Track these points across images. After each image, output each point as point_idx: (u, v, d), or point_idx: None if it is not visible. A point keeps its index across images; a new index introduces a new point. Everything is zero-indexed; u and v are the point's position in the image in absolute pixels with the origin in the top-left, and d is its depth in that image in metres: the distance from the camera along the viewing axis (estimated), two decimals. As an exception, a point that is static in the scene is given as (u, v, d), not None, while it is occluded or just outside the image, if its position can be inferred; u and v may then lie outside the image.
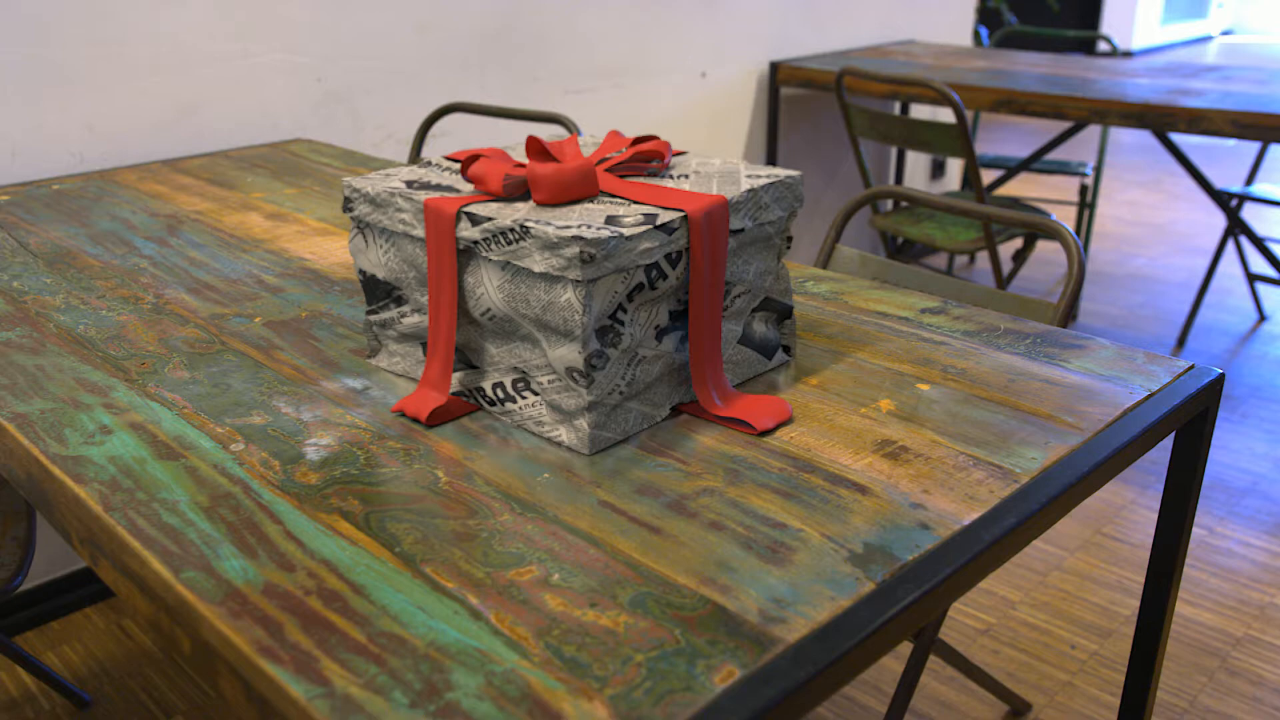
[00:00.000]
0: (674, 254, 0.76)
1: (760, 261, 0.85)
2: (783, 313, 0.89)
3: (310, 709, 0.51)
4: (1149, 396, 0.83)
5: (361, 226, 0.87)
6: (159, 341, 0.96)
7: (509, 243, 0.74)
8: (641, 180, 0.85)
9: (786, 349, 0.91)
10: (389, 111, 2.02)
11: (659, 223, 0.74)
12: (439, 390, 0.81)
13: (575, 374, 0.74)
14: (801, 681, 0.53)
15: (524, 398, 0.79)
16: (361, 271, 0.89)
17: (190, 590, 0.61)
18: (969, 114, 3.55)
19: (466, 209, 0.77)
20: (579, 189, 0.79)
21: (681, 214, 0.76)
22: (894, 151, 3.29)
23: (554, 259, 0.72)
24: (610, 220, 0.75)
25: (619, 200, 0.80)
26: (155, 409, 0.83)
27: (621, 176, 0.86)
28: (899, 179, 3.28)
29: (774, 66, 2.70)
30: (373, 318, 0.89)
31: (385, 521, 0.67)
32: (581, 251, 0.70)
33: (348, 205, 0.87)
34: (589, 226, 0.73)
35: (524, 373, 0.79)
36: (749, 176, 0.85)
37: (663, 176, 0.86)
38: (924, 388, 0.85)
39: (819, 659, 0.54)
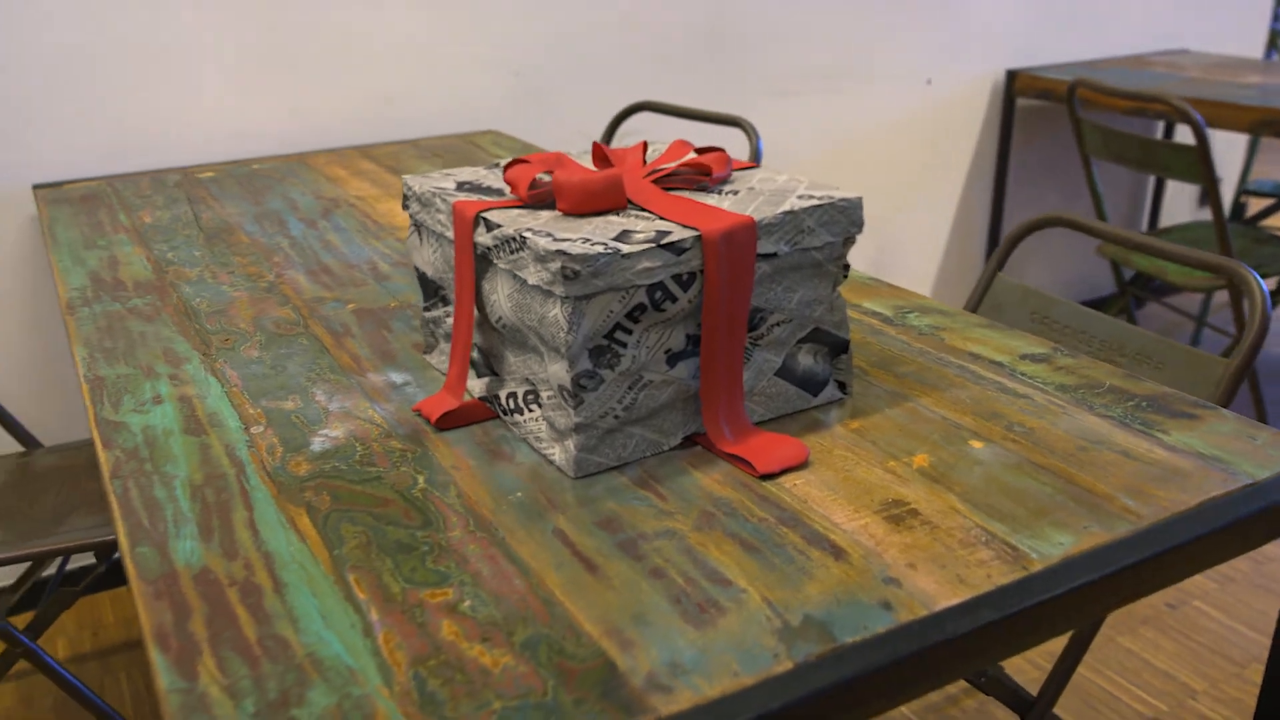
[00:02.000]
0: (685, 275, 0.72)
1: (807, 289, 0.79)
2: (836, 346, 0.82)
3: (166, 700, 0.52)
4: (1250, 486, 0.69)
5: (416, 224, 0.88)
6: (252, 320, 1.01)
7: (512, 251, 0.72)
8: (685, 194, 0.80)
9: (842, 385, 0.83)
10: (584, 107, 2.04)
11: (664, 241, 0.70)
12: (454, 395, 0.80)
13: (565, 393, 0.71)
14: (646, 762, 0.48)
15: (530, 410, 0.77)
16: (416, 268, 0.89)
17: (135, 565, 0.63)
18: (1244, 135, 3.16)
19: (484, 214, 0.76)
20: (603, 200, 0.76)
21: (695, 234, 0.71)
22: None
23: (543, 272, 0.69)
24: (621, 235, 0.71)
25: (646, 214, 0.76)
26: (210, 384, 0.87)
27: (668, 190, 0.81)
28: (1157, 205, 2.97)
29: (1011, 75, 2.51)
30: (426, 314, 0.90)
31: (341, 522, 0.67)
32: (563, 267, 0.67)
33: (405, 203, 0.88)
34: (588, 241, 0.70)
35: (533, 385, 0.77)
36: (799, 197, 0.78)
37: (712, 191, 0.81)
38: (976, 445, 0.75)
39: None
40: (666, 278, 0.71)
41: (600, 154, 0.87)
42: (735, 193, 0.80)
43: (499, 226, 0.74)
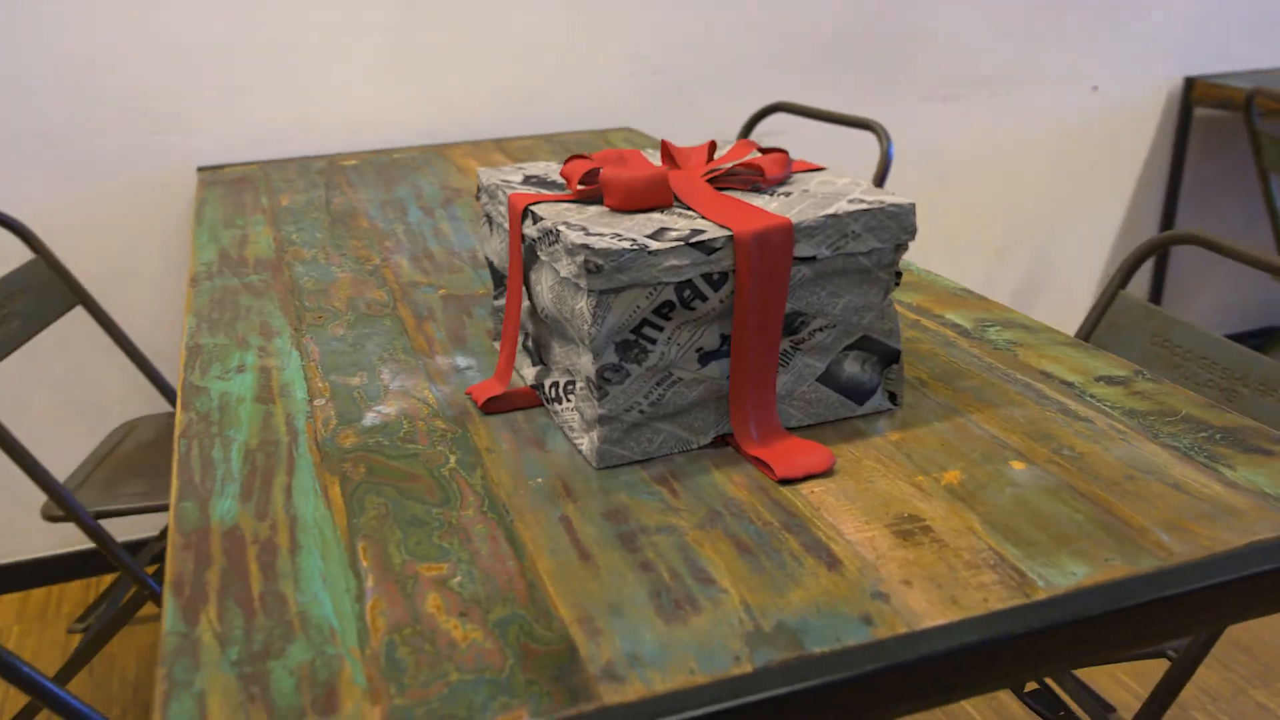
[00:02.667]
0: (716, 275, 0.72)
1: (854, 296, 0.77)
2: (886, 355, 0.80)
3: (164, 641, 0.56)
4: (1310, 532, 0.64)
5: (487, 215, 0.91)
6: (347, 300, 1.07)
7: (550, 244, 0.74)
8: (736, 194, 0.80)
9: (892, 396, 0.81)
10: (725, 107, 2.05)
11: (694, 240, 0.70)
12: (501, 381, 0.83)
13: (591, 384, 0.73)
14: (576, 747, 0.49)
15: (567, 400, 0.79)
16: (486, 258, 0.93)
17: (176, 517, 0.68)
18: None
19: (532, 206, 0.78)
20: (648, 197, 0.77)
21: (728, 233, 0.71)
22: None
23: (571, 265, 0.71)
24: (657, 232, 0.72)
25: (689, 213, 0.76)
26: (291, 358, 0.93)
27: (721, 189, 0.81)
28: (1358, 225, 2.72)
29: (1189, 82, 2.35)
30: (495, 303, 0.93)
31: (368, 493, 0.71)
32: (587, 261, 0.68)
33: (478, 194, 0.91)
34: (620, 236, 0.71)
35: (572, 376, 0.78)
36: (850, 201, 0.77)
37: (764, 192, 0.80)
38: (1016, 466, 0.72)
39: (616, 729, 0.50)
40: (696, 276, 0.71)
41: (667, 152, 0.88)
42: (788, 194, 0.80)
43: (542, 219, 0.76)
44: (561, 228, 0.72)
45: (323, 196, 1.50)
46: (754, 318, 0.73)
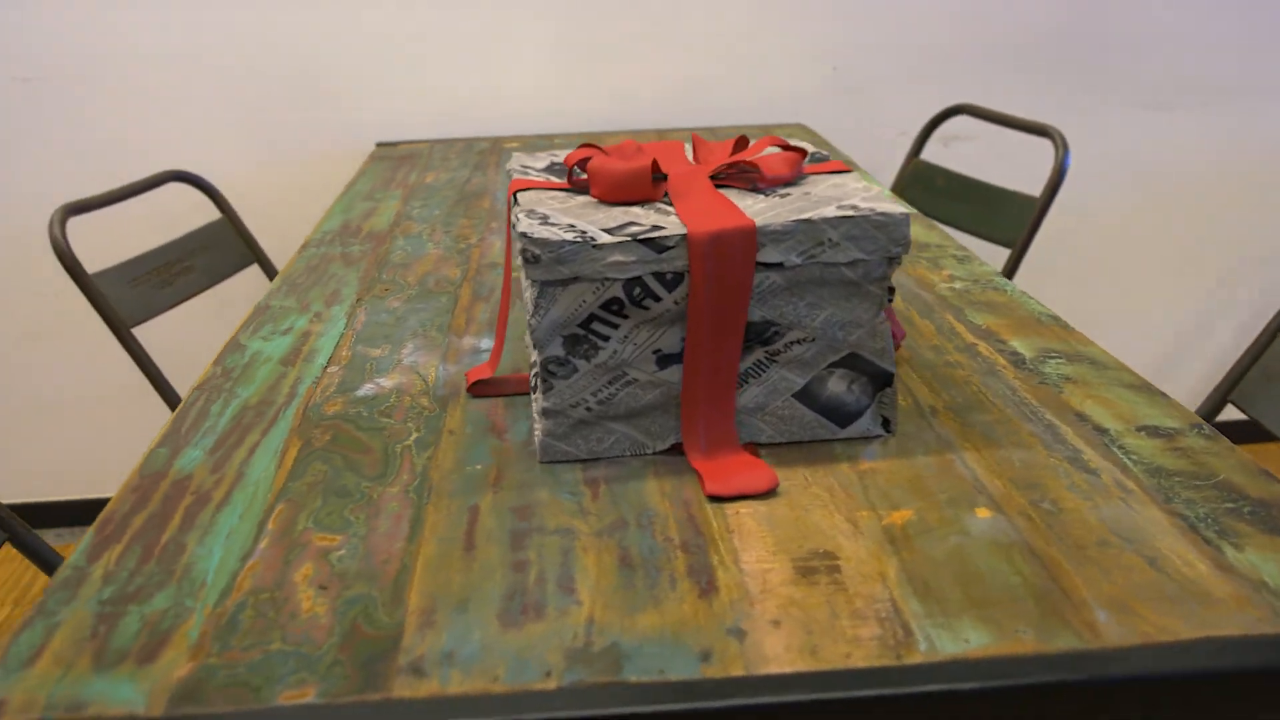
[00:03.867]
0: (670, 275, 0.68)
1: (839, 310, 0.71)
2: (877, 377, 0.74)
3: (62, 571, 0.61)
4: (1264, 637, 0.53)
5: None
6: (422, 275, 1.11)
7: (519, 232, 0.74)
8: (732, 193, 0.76)
9: (885, 422, 0.75)
10: (907, 108, 1.94)
11: (643, 236, 0.67)
12: (491, 365, 0.83)
13: (537, 376, 0.72)
14: (335, 734, 0.48)
15: (537, 390, 0.78)
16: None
17: (145, 461, 0.74)
18: None
19: (519, 191, 0.78)
20: (630, 190, 0.74)
21: (682, 232, 0.68)
22: None
23: (523, 253, 0.70)
24: (620, 226, 0.70)
25: (668, 209, 0.73)
26: (337, 325, 0.97)
27: (722, 187, 0.77)
28: None
29: None
30: (526, 288, 0.94)
31: (316, 460, 0.73)
32: (524, 250, 0.67)
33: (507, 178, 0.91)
34: (573, 228, 0.69)
35: (547, 366, 0.77)
36: (840, 206, 0.71)
37: (763, 192, 0.76)
38: (982, 514, 0.64)
39: (395, 719, 0.49)
40: (646, 274, 0.68)
41: (698, 143, 0.85)
42: (786, 195, 0.75)
43: (517, 206, 0.75)
44: (521, 215, 0.72)
45: (464, 176, 1.55)
46: (709, 323, 0.69)
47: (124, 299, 1.45)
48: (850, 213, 0.69)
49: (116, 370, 2.01)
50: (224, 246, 1.66)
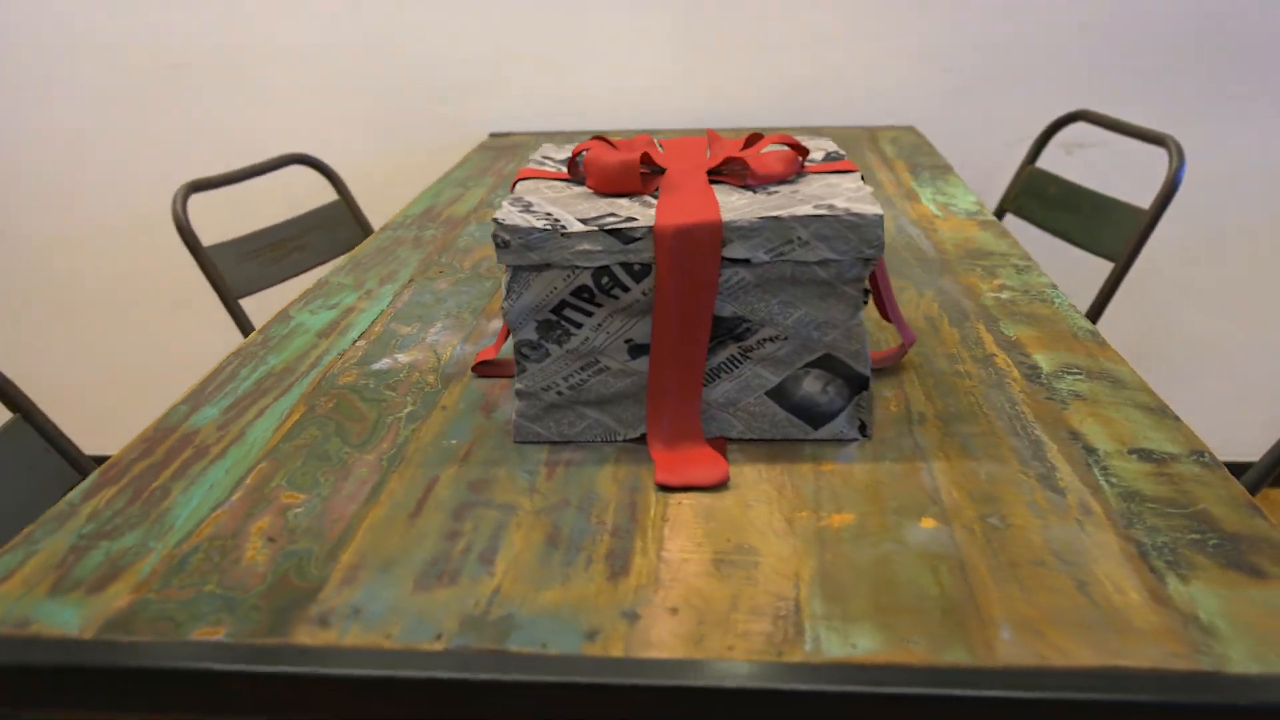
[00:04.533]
0: (638, 266, 0.70)
1: (813, 309, 0.71)
2: (852, 380, 0.73)
3: (57, 507, 0.67)
4: (1207, 674, 0.50)
5: (545, 189, 0.94)
6: (477, 260, 1.15)
7: (492, 217, 0.76)
8: (724, 189, 0.76)
9: (862, 426, 0.74)
10: (1027, 113, 1.87)
11: (609, 227, 0.69)
12: (496, 347, 0.86)
13: (515, 358, 0.74)
14: (228, 672, 0.52)
15: (527, 373, 0.80)
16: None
17: (165, 415, 0.80)
18: None
19: (520, 180, 0.80)
20: (620, 183, 0.76)
21: (649, 224, 0.69)
22: None
23: (494, 238, 0.72)
24: (599, 217, 0.71)
25: (653, 202, 0.74)
26: (380, 303, 1.03)
27: (714, 181, 0.78)
28: None
29: None
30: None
31: (311, 425, 0.78)
32: (495, 234, 0.70)
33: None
34: (549, 216, 0.71)
35: (539, 350, 0.80)
36: (818, 205, 0.70)
37: (755, 189, 0.76)
38: (925, 524, 0.63)
39: (286, 661, 0.52)
40: (614, 264, 0.70)
41: (713, 140, 0.86)
42: (775, 193, 0.75)
43: (509, 195, 0.78)
44: (505, 202, 0.74)
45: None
46: (675, 315, 0.70)
47: (235, 272, 1.56)
48: (822, 212, 0.69)
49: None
50: (338, 228, 1.76)
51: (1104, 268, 1.64)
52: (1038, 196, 1.71)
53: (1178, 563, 0.58)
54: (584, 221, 0.70)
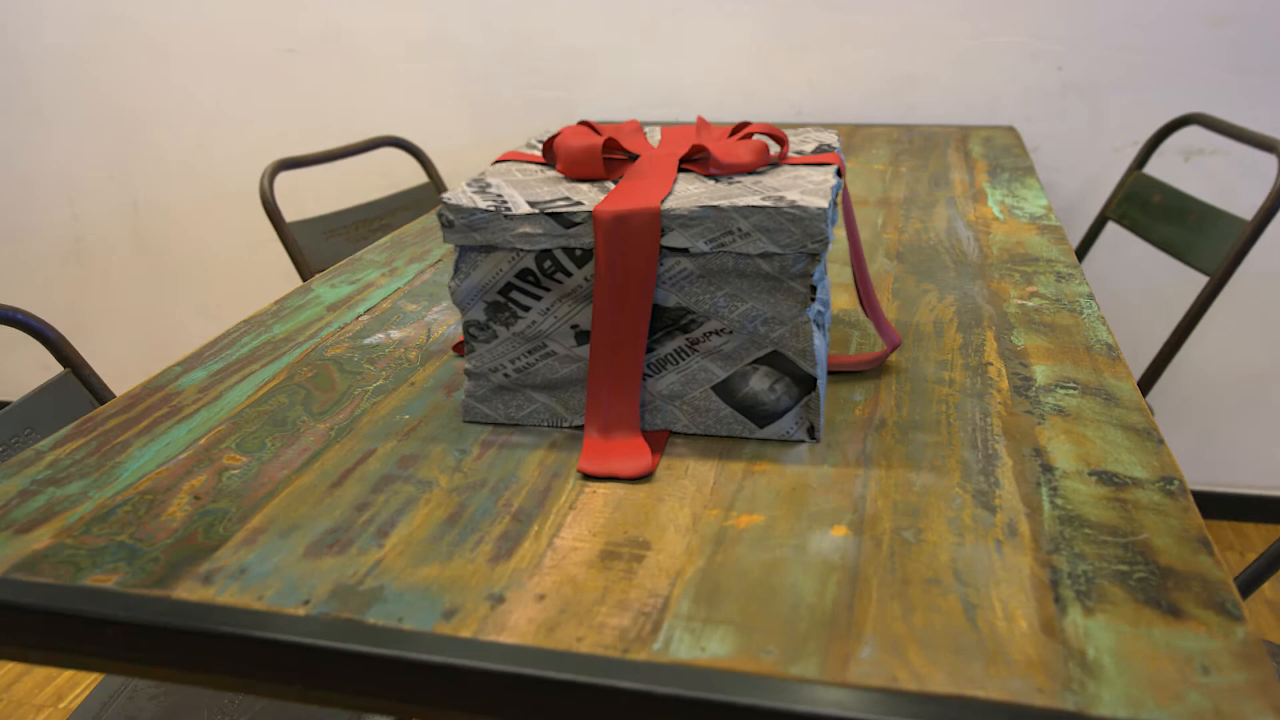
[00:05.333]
0: (579, 251, 0.69)
1: (759, 304, 0.69)
2: (800, 380, 0.70)
3: (23, 452, 0.72)
4: (1055, 712, 0.46)
5: (549, 174, 0.94)
6: (509, 244, 1.16)
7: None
8: (690, 177, 0.75)
9: (811, 429, 0.71)
10: (1143, 115, 1.75)
11: (549, 210, 0.68)
12: (477, 327, 0.87)
13: (464, 338, 0.75)
14: (99, 617, 0.55)
15: (495, 355, 0.81)
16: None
17: (156, 375, 0.84)
18: None
19: (499, 161, 0.81)
20: (582, 167, 0.75)
21: (589, 209, 0.68)
22: None
23: (439, 216, 0.73)
24: (550, 201, 0.71)
25: (609, 187, 0.73)
26: (400, 280, 1.05)
27: (683, 169, 0.76)
28: None
29: None
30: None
31: (283, 392, 0.80)
32: (440, 214, 0.70)
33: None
34: (499, 198, 0.71)
35: (508, 333, 0.80)
36: (766, 196, 0.68)
37: (718, 179, 0.74)
38: (836, 533, 0.60)
39: (155, 613, 0.54)
40: (556, 249, 0.69)
41: (701, 128, 0.84)
42: (737, 183, 0.73)
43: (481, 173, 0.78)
44: (465, 184, 0.75)
45: (628, 157, 1.59)
46: (614, 302, 0.69)
47: (316, 248, 1.63)
48: (765, 203, 0.66)
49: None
50: (424, 209, 1.81)
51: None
52: (1141, 205, 1.61)
53: (1089, 594, 0.54)
54: (532, 204, 0.70)
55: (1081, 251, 1.71)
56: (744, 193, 0.69)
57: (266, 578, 0.57)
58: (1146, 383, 1.47)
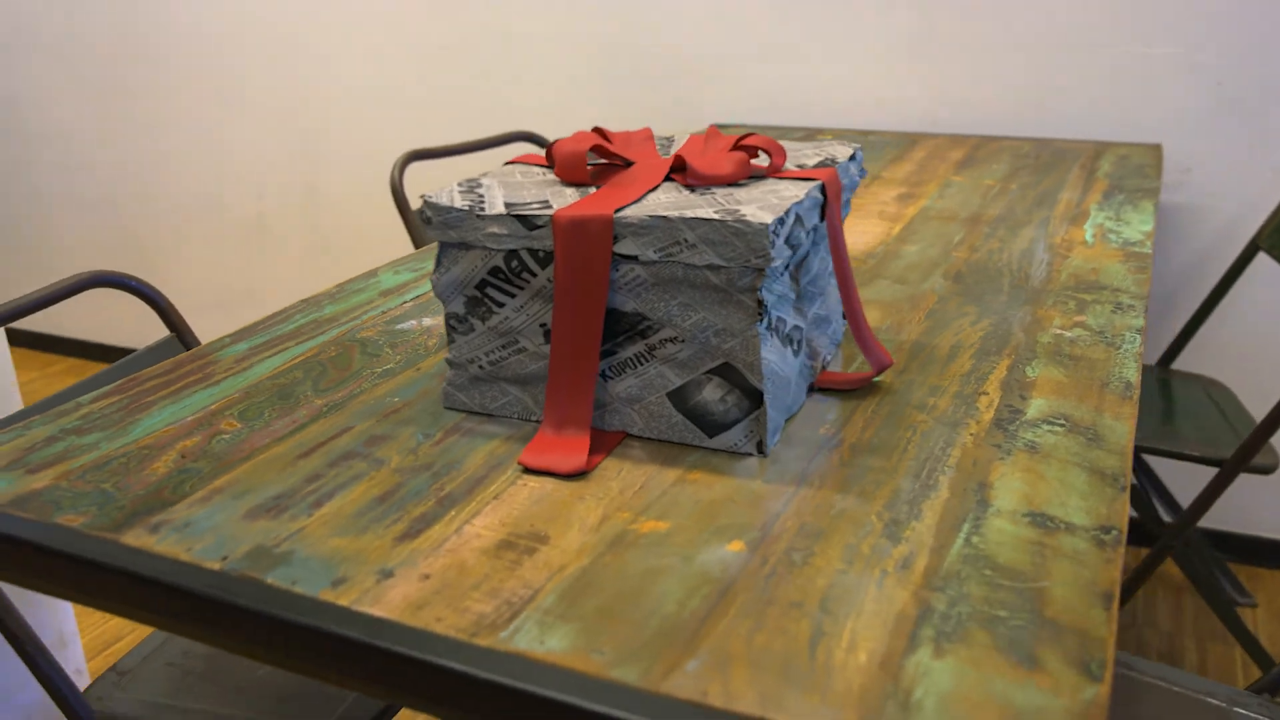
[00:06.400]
0: (542, 253, 0.72)
1: (711, 314, 0.70)
2: (750, 393, 0.70)
3: (67, 404, 0.82)
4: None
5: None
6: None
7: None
8: (671, 186, 0.76)
9: (760, 445, 0.71)
10: (1312, 136, 1.61)
11: (515, 212, 0.72)
12: (491, 320, 0.91)
13: (446, 329, 0.79)
14: (48, 548, 0.62)
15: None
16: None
17: (208, 343, 0.93)
18: None
19: (509, 164, 0.84)
20: (571, 172, 0.78)
21: (551, 213, 0.71)
22: None
23: (419, 213, 0.77)
24: (526, 203, 0.75)
25: (589, 191, 0.76)
26: (457, 272, 1.11)
27: (670, 178, 0.78)
28: None
29: None
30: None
31: (300, 368, 0.87)
32: (421, 210, 0.75)
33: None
34: (480, 198, 0.75)
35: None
36: (718, 209, 0.69)
37: (694, 189, 0.75)
38: (732, 548, 0.60)
39: (95, 553, 0.61)
40: (521, 249, 0.72)
41: (711, 136, 0.85)
42: (709, 194, 0.73)
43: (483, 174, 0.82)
44: (456, 183, 0.79)
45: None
46: (568, 303, 0.71)
47: (437, 236, 1.72)
48: (711, 215, 0.67)
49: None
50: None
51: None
52: (1292, 235, 1.48)
53: (951, 635, 0.52)
54: (507, 205, 0.73)
55: (1226, 283, 1.59)
56: (703, 205, 0.70)
57: (203, 533, 0.63)
58: (1266, 430, 1.35)
